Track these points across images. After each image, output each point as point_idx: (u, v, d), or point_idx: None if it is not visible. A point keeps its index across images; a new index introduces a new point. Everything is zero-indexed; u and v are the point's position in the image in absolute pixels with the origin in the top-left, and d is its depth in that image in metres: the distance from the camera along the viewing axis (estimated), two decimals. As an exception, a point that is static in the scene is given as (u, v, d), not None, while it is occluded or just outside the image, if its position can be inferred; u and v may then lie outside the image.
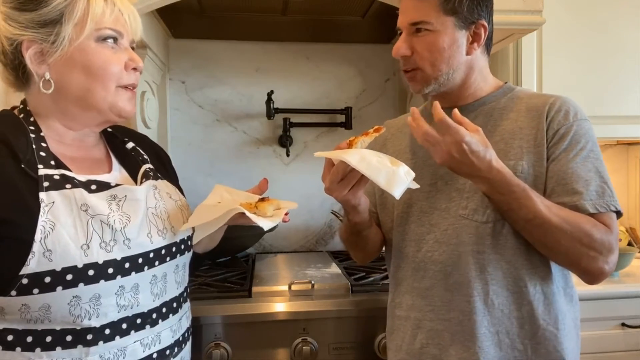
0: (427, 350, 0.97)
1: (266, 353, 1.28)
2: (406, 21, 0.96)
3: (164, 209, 0.89)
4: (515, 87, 1.04)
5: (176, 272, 0.90)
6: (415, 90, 1.01)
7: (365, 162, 0.80)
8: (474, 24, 0.95)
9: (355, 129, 2.01)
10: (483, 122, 0.99)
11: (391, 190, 0.80)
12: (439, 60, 0.94)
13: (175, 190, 0.97)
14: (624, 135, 1.74)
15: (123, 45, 0.84)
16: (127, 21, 0.84)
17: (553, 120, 0.93)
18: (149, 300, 0.83)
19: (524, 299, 0.92)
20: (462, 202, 0.96)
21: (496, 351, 0.92)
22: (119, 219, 0.79)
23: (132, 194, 0.83)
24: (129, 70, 0.84)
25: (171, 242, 0.88)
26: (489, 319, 0.92)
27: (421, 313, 0.98)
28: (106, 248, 0.76)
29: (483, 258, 0.93)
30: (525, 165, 0.92)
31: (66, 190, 0.76)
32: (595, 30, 1.68)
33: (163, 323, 0.86)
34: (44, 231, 0.72)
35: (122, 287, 0.78)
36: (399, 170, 0.81)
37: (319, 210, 2.05)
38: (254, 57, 2.03)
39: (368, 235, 1.07)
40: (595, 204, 0.88)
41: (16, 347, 0.74)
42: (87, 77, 0.81)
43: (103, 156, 0.92)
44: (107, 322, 0.77)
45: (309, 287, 1.37)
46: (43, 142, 0.80)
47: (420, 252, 0.99)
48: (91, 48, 0.80)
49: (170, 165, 1.07)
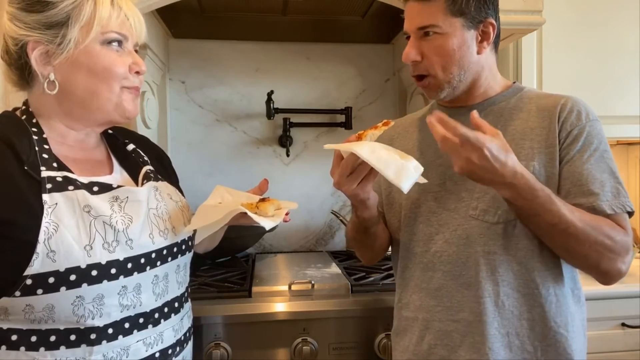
0: (436, 351, 0.96)
1: (266, 353, 1.28)
2: (414, 26, 0.94)
3: (165, 210, 0.89)
4: (524, 86, 1.04)
5: (177, 272, 0.90)
6: (431, 97, 1.00)
7: (375, 155, 0.79)
8: (482, 23, 0.95)
9: (355, 129, 2.00)
10: (493, 121, 0.98)
11: (399, 183, 0.79)
12: (449, 63, 0.93)
13: (175, 192, 0.97)
14: (624, 135, 1.73)
15: (127, 49, 0.85)
16: (132, 25, 0.85)
17: (566, 121, 0.93)
18: (151, 300, 0.83)
19: (536, 301, 0.92)
20: (472, 203, 0.95)
21: (506, 352, 0.91)
22: (122, 220, 0.80)
23: (133, 195, 0.84)
24: (133, 73, 0.85)
25: (172, 243, 0.88)
26: (499, 320, 0.92)
27: (430, 314, 0.98)
28: (109, 249, 0.77)
29: (494, 259, 0.92)
30: (537, 165, 0.92)
31: (69, 192, 0.77)
32: (595, 30, 1.68)
33: (165, 322, 0.86)
34: (47, 232, 0.73)
35: (124, 287, 0.79)
36: (408, 165, 0.81)
37: (319, 210, 2.05)
38: (254, 57, 2.03)
39: (376, 232, 1.05)
40: (611, 204, 0.88)
41: (20, 347, 0.75)
42: (92, 78, 0.82)
43: (104, 158, 0.92)
44: (110, 322, 0.78)
45: (309, 287, 1.37)
46: (45, 143, 0.81)
47: (429, 252, 0.99)
48: (96, 51, 0.81)
49: (171, 166, 1.08)
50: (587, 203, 0.88)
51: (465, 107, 1.02)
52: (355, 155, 0.81)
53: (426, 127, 1.07)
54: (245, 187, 1.01)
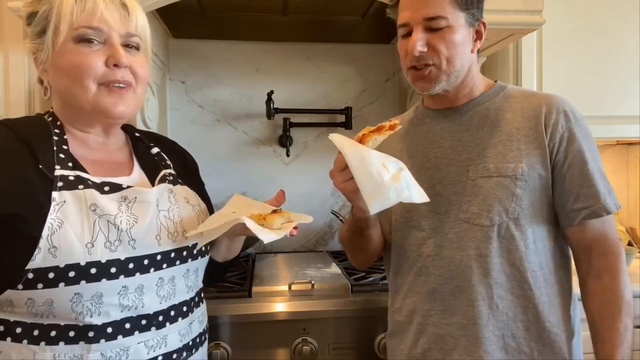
0: (430, 354, 0.96)
1: (266, 353, 1.28)
2: (420, 16, 0.91)
3: (177, 213, 0.88)
4: (507, 85, 1.04)
5: (186, 276, 0.89)
6: (424, 89, 0.96)
7: (362, 165, 0.78)
8: (478, 22, 0.95)
9: (355, 129, 2.00)
10: (479, 123, 0.98)
11: (369, 203, 0.78)
12: (454, 56, 0.92)
13: (194, 196, 0.97)
14: (624, 135, 1.73)
15: (110, 42, 0.81)
16: (105, 15, 0.80)
17: (555, 124, 0.93)
18: (154, 302, 0.83)
19: (530, 302, 0.92)
20: (463, 206, 0.95)
21: (502, 354, 0.92)
22: (127, 220, 0.80)
23: (142, 195, 0.84)
24: (112, 67, 0.81)
25: (182, 246, 0.87)
26: (494, 322, 0.92)
27: (424, 318, 0.98)
28: (110, 247, 0.77)
29: (486, 262, 0.92)
30: (525, 167, 0.92)
31: (78, 191, 0.78)
32: (595, 30, 1.68)
33: (171, 326, 0.85)
34: (51, 228, 0.74)
35: (125, 287, 0.78)
36: (388, 188, 0.78)
37: (319, 210, 2.05)
38: (254, 57, 2.03)
39: (371, 235, 1.04)
40: (614, 203, 0.92)
41: (23, 340, 0.76)
42: (66, 79, 0.82)
43: (126, 159, 0.93)
44: (109, 321, 0.78)
45: (309, 287, 1.37)
46: (64, 144, 0.83)
47: (421, 256, 0.99)
48: (68, 50, 0.81)
49: (195, 172, 1.08)
50: (597, 204, 0.90)
51: (451, 109, 1.02)
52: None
53: (415, 130, 1.07)
54: (245, 187, 1.01)
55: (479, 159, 0.96)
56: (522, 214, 0.92)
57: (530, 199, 0.92)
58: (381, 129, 0.85)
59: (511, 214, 0.91)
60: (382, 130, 0.85)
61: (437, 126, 1.03)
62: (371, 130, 0.85)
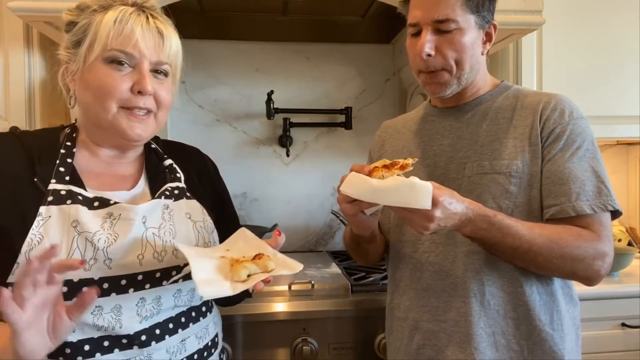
0: (424, 351, 0.97)
1: (266, 353, 1.28)
2: (429, 17, 0.91)
3: (169, 230, 0.85)
4: (513, 85, 1.04)
5: (177, 297, 0.86)
6: (435, 92, 0.97)
7: (376, 195, 0.78)
8: (489, 24, 0.95)
9: (355, 129, 2.00)
10: (478, 121, 0.99)
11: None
12: (464, 59, 0.93)
13: (200, 211, 0.92)
14: (624, 135, 1.73)
15: (140, 68, 0.82)
16: (139, 43, 0.81)
17: (548, 119, 0.93)
18: (133, 322, 0.80)
19: (520, 300, 0.92)
20: None
21: (492, 352, 0.92)
22: (106, 238, 0.78)
23: (126, 213, 0.81)
24: (136, 94, 0.82)
25: (170, 266, 0.84)
26: (485, 320, 0.92)
27: (418, 314, 0.98)
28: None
29: (479, 259, 0.93)
30: (520, 164, 0.92)
31: (65, 206, 0.77)
32: (595, 30, 1.68)
33: (157, 345, 0.82)
34: (30, 244, 0.74)
35: (99, 307, 0.77)
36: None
37: (319, 210, 2.05)
38: (253, 57, 2.03)
39: (367, 248, 1.07)
40: (592, 204, 0.88)
41: None
42: (91, 95, 0.82)
43: (133, 172, 0.91)
44: (85, 338, 0.76)
45: (309, 287, 1.37)
46: (69, 157, 0.83)
47: (417, 253, 1.00)
48: (97, 68, 0.81)
49: (210, 183, 1.01)
50: (567, 202, 0.88)
51: (455, 107, 1.03)
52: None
53: (419, 128, 1.07)
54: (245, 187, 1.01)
55: (476, 157, 0.96)
56: (517, 211, 0.91)
57: (525, 196, 0.92)
58: (392, 167, 0.84)
59: (505, 211, 0.91)
60: (392, 168, 0.84)
61: (440, 124, 1.04)
62: (384, 164, 0.84)
